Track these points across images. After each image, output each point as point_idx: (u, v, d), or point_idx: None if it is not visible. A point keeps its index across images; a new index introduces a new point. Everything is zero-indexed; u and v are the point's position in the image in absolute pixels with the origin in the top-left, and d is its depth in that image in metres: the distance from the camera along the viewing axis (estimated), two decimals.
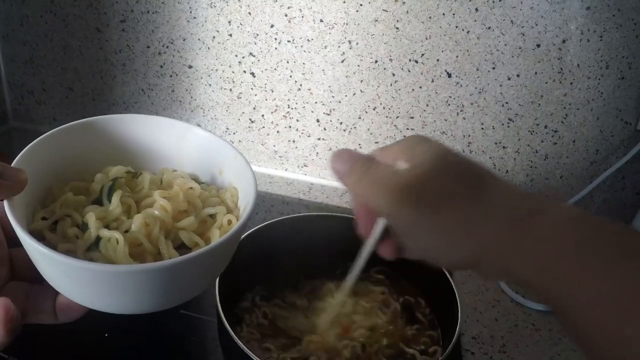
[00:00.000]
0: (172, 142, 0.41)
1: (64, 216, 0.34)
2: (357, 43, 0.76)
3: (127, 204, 0.35)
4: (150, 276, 0.30)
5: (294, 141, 0.84)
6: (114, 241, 0.32)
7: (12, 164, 0.33)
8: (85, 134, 0.39)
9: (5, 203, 0.31)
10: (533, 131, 0.79)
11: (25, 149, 0.34)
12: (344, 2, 0.73)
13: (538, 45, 0.75)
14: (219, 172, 0.40)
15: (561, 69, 0.76)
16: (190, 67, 0.81)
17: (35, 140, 0.35)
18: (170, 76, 0.83)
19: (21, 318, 0.32)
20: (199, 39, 0.79)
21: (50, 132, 0.36)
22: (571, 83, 0.77)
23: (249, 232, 0.56)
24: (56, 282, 0.32)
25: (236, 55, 0.79)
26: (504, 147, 0.80)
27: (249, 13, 0.76)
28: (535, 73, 0.76)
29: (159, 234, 0.34)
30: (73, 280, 0.31)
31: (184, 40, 0.80)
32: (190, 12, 0.78)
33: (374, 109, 0.79)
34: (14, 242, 0.34)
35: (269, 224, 0.58)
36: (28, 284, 0.35)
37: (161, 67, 0.82)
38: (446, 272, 0.57)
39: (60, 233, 0.34)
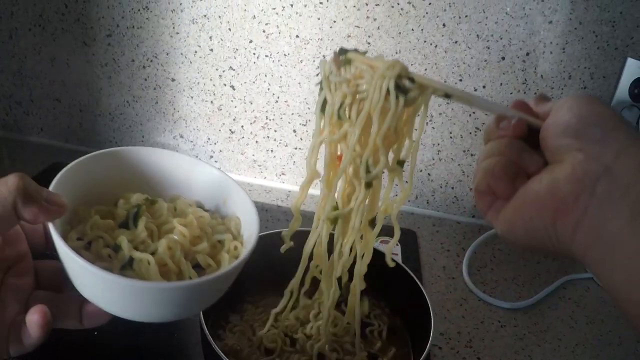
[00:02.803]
0: (181, 173, 0.46)
1: (97, 237, 0.39)
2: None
3: (150, 228, 0.40)
4: (179, 292, 0.36)
5: (272, 151, 0.87)
6: (146, 262, 0.37)
7: (50, 188, 0.37)
8: (108, 162, 0.44)
9: (50, 224, 0.35)
10: None
11: (59, 175, 0.39)
12: (319, 18, 0.77)
13: (503, 58, 0.79)
14: (223, 201, 0.45)
15: (525, 79, 0.80)
16: (173, 80, 0.85)
17: (66, 167, 0.40)
18: (154, 89, 0.86)
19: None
20: (181, 54, 0.83)
21: (80, 159, 0.41)
22: (535, 93, 0.81)
23: None
24: (90, 293, 0.37)
25: (217, 69, 0.83)
26: (472, 155, 0.84)
27: (229, 29, 0.80)
28: (501, 84, 0.80)
29: (180, 256, 0.39)
30: (110, 293, 0.36)
31: (167, 54, 0.83)
32: (174, 27, 0.81)
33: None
34: (38, 254, 0.39)
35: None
36: (53, 293, 0.39)
37: (145, 80, 0.86)
38: (416, 280, 0.58)
39: (95, 252, 0.38)
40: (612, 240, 0.30)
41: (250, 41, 0.80)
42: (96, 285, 0.36)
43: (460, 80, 0.79)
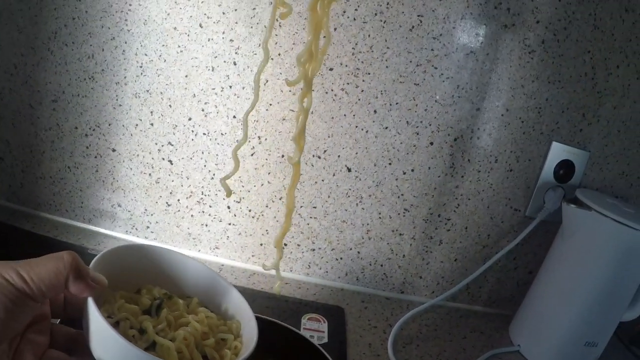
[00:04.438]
0: (192, 275, 0.53)
1: (124, 318, 0.44)
2: (266, 139, 0.82)
3: (169, 319, 0.46)
4: None
5: (206, 225, 0.89)
6: (167, 347, 0.42)
7: (90, 267, 0.42)
8: (137, 254, 0.50)
9: (90, 298, 0.40)
10: (427, 220, 0.87)
11: (96, 259, 0.44)
12: None
13: (431, 143, 0.83)
14: (226, 307, 0.52)
15: (453, 163, 0.84)
16: (113, 150, 0.86)
17: (102, 253, 0.46)
18: (95, 157, 0.87)
19: None
20: (123, 125, 0.85)
21: (115, 248, 0.48)
22: (462, 176, 0.85)
23: None
24: None
25: (156, 143, 0.85)
26: (400, 234, 0.87)
27: (170, 106, 0.82)
28: (429, 168, 0.84)
29: (193, 347, 0.45)
30: None
31: (109, 125, 0.85)
32: (117, 99, 0.84)
33: (280, 199, 0.86)
34: (56, 316, 0.44)
35: None
36: (66, 355, 0.43)
37: (87, 147, 0.87)
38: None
39: (122, 331, 0.43)
40: None
41: (190, 118, 0.83)
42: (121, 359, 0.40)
43: (390, 164, 0.83)
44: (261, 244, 0.89)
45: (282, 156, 0.83)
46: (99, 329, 0.40)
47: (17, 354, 0.40)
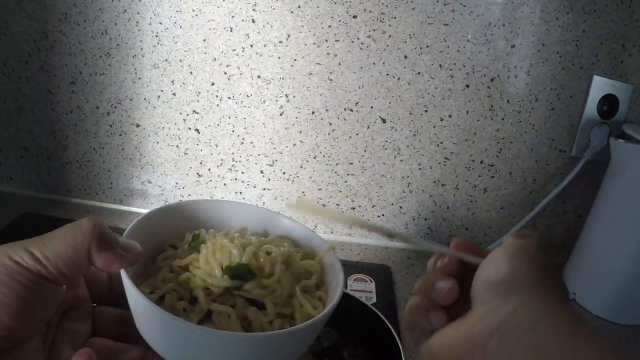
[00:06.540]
0: (246, 220, 0.43)
1: (170, 290, 0.36)
2: (294, 96, 0.79)
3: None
4: (267, 343, 0.33)
5: (240, 192, 0.86)
6: (226, 315, 0.34)
7: (124, 236, 0.35)
8: (172, 215, 0.42)
9: (122, 271, 0.33)
10: (470, 167, 0.83)
11: (127, 230, 0.37)
12: (279, 57, 0.77)
13: (467, 86, 0.79)
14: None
15: (491, 106, 0.80)
16: (138, 125, 0.84)
17: (137, 219, 0.38)
18: (120, 135, 0.85)
19: None
20: (144, 99, 0.82)
21: (149, 212, 0.40)
22: (502, 118, 0.81)
23: None
24: (163, 346, 0.34)
25: (180, 113, 0.82)
26: (442, 185, 0.83)
27: (191, 72, 0.79)
28: (467, 112, 0.80)
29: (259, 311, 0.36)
30: (187, 346, 0.32)
31: (130, 100, 0.82)
32: (136, 73, 0.81)
33: (314, 158, 0.82)
34: (97, 300, 0.38)
35: None
36: (112, 341, 0.36)
37: (110, 126, 0.85)
38: (386, 321, 0.59)
39: (169, 306, 0.35)
40: None
41: (212, 84, 0.79)
42: (171, 337, 0.33)
43: (426, 111, 0.79)
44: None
45: (313, 112, 0.79)
46: (139, 306, 0.33)
47: (53, 348, 0.34)
